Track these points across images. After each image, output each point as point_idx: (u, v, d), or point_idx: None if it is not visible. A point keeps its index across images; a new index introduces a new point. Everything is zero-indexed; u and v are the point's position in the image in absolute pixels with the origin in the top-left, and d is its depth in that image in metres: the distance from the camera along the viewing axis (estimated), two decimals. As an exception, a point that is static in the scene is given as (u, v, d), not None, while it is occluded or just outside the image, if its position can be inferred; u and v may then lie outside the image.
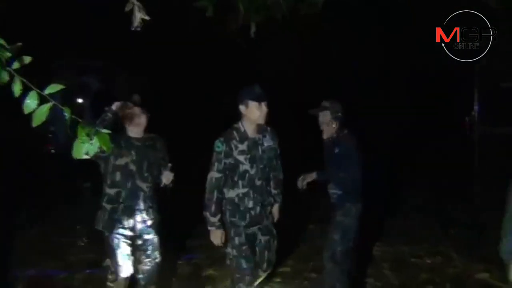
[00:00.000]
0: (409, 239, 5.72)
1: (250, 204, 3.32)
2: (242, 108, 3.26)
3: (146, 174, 3.46)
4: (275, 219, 3.55)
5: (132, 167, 3.41)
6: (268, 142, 3.40)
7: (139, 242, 3.46)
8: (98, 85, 9.04)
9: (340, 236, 3.69)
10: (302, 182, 3.78)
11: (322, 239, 4.04)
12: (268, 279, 3.92)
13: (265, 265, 3.47)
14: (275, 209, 3.54)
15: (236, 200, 3.32)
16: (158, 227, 3.52)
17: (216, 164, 3.28)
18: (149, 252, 3.47)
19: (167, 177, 3.55)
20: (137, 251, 3.45)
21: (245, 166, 3.29)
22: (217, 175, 3.29)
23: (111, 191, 3.40)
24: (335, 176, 3.73)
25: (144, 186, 3.45)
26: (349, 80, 10.06)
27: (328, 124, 3.73)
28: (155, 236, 3.50)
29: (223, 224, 3.33)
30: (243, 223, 3.32)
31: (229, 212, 3.35)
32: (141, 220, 3.45)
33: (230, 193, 3.33)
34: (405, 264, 5.01)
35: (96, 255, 4.60)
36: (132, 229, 3.43)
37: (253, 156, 3.30)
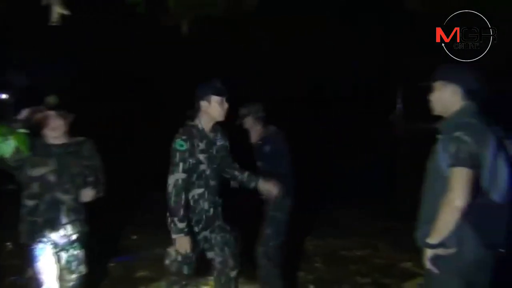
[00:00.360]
0: (341, 233, 5.94)
1: (205, 206, 3.20)
2: (203, 104, 3.14)
3: (68, 185, 3.17)
4: (274, 188, 3.38)
5: (51, 177, 3.12)
6: (220, 141, 3.31)
7: (63, 256, 3.26)
8: (24, 80, 8.55)
9: (273, 230, 3.82)
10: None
11: (251, 235, 4.04)
12: (199, 279, 3.90)
13: (231, 262, 3.25)
14: (262, 183, 3.38)
15: (192, 202, 3.17)
16: (84, 240, 3.34)
17: (181, 164, 3.06)
18: (73, 267, 3.28)
19: (86, 195, 3.28)
20: (61, 265, 3.25)
21: (203, 166, 3.16)
22: (183, 175, 3.07)
23: (30, 203, 3.14)
24: (266, 173, 3.82)
25: (66, 198, 3.17)
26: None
27: (252, 128, 3.97)
28: (80, 250, 3.33)
29: (190, 230, 3.12)
30: (196, 229, 3.18)
31: None
32: (64, 234, 3.20)
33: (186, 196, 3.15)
34: (336, 257, 5.21)
35: (22, 261, 4.36)
36: (55, 243, 3.19)
37: (209, 155, 3.19)
